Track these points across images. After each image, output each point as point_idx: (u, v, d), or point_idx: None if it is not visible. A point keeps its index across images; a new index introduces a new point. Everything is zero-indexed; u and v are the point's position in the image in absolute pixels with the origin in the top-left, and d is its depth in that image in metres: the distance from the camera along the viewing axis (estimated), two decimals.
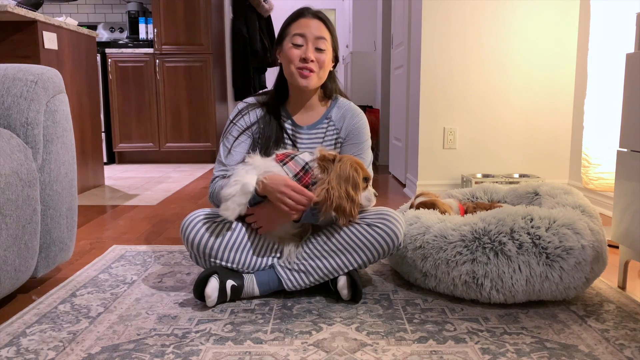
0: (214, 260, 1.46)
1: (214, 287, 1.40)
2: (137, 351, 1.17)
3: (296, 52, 1.52)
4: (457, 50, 3.00)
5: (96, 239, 2.18)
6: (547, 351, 1.17)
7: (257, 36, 5.15)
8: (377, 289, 1.58)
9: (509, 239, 1.40)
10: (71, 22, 3.11)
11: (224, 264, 1.46)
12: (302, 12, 1.56)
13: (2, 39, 2.73)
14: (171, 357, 1.15)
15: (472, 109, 3.04)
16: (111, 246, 2.03)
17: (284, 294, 1.51)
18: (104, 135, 4.42)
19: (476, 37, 2.98)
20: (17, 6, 2.61)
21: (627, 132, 1.57)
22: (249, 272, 1.49)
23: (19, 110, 1.44)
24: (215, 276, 1.42)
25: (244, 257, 1.47)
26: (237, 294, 1.45)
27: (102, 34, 5.18)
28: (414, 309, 1.42)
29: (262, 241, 1.50)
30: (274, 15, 5.45)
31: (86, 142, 3.29)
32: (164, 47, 4.56)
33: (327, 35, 1.55)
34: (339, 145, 1.62)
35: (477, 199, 1.98)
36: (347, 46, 6.38)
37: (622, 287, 1.61)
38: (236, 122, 1.61)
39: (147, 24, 4.87)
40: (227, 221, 1.49)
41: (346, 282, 1.44)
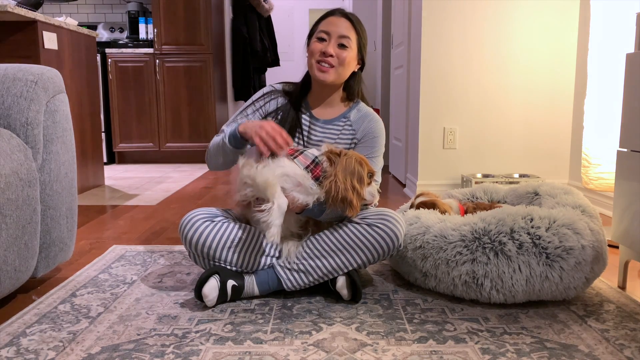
0: (212, 259, 1.47)
1: (212, 287, 1.40)
2: (137, 351, 1.17)
3: (318, 46, 1.57)
4: (457, 50, 3.00)
5: (96, 239, 2.18)
6: (547, 351, 1.17)
7: (257, 36, 5.15)
8: (377, 289, 1.58)
9: (509, 239, 1.40)
10: (71, 22, 3.11)
11: (223, 264, 1.46)
12: (333, 11, 1.62)
13: (2, 39, 2.73)
14: (171, 357, 1.15)
15: (472, 108, 3.04)
16: (111, 246, 2.03)
17: (284, 294, 1.51)
18: (104, 135, 4.42)
19: (476, 37, 2.98)
20: (17, 6, 2.61)
21: (627, 132, 1.57)
22: (249, 272, 1.49)
23: (19, 110, 1.44)
24: (215, 276, 1.42)
25: (243, 257, 1.47)
26: (238, 294, 1.45)
27: (102, 34, 5.18)
28: (414, 309, 1.42)
29: (261, 241, 1.50)
30: (274, 15, 5.45)
31: (86, 142, 3.29)
32: (164, 47, 4.56)
33: (352, 35, 1.59)
34: (353, 146, 1.63)
35: (477, 199, 1.98)
36: None
37: (622, 287, 1.61)
38: (256, 104, 1.66)
39: (147, 24, 4.87)
40: (225, 220, 1.49)
41: (345, 282, 1.44)
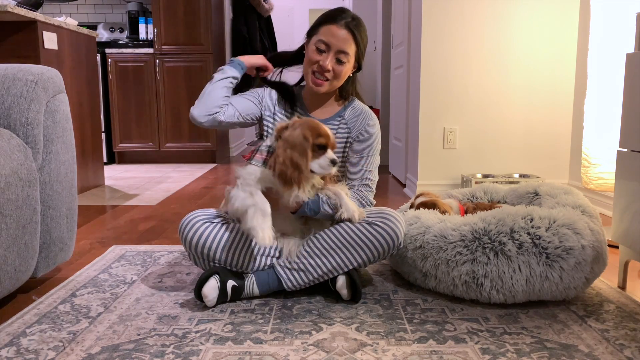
0: (212, 261, 1.47)
1: (212, 287, 1.40)
2: (137, 351, 1.17)
3: (316, 57, 1.56)
4: (457, 50, 2.99)
5: (96, 239, 2.18)
6: (547, 351, 1.17)
7: (257, 36, 5.14)
8: (377, 289, 1.58)
9: (509, 239, 1.40)
10: (71, 22, 3.11)
11: (223, 264, 1.46)
12: (336, 18, 1.55)
13: (2, 39, 2.73)
14: (171, 357, 1.15)
15: (472, 109, 3.04)
16: (111, 246, 2.03)
17: (284, 294, 1.51)
18: (104, 135, 4.41)
19: (476, 37, 2.98)
20: (17, 6, 2.61)
21: (627, 132, 1.57)
22: (249, 273, 1.49)
23: (19, 110, 1.44)
24: (215, 276, 1.42)
25: (243, 258, 1.47)
26: (238, 294, 1.45)
27: (102, 34, 5.17)
28: (414, 309, 1.42)
29: None
30: (274, 15, 5.45)
31: (86, 142, 3.29)
32: (164, 47, 4.56)
33: (351, 49, 1.56)
34: (349, 145, 1.62)
35: (477, 199, 1.98)
36: None
37: (622, 287, 1.61)
38: (257, 90, 1.69)
39: (147, 24, 4.86)
40: (225, 222, 1.49)
41: (345, 282, 1.44)
